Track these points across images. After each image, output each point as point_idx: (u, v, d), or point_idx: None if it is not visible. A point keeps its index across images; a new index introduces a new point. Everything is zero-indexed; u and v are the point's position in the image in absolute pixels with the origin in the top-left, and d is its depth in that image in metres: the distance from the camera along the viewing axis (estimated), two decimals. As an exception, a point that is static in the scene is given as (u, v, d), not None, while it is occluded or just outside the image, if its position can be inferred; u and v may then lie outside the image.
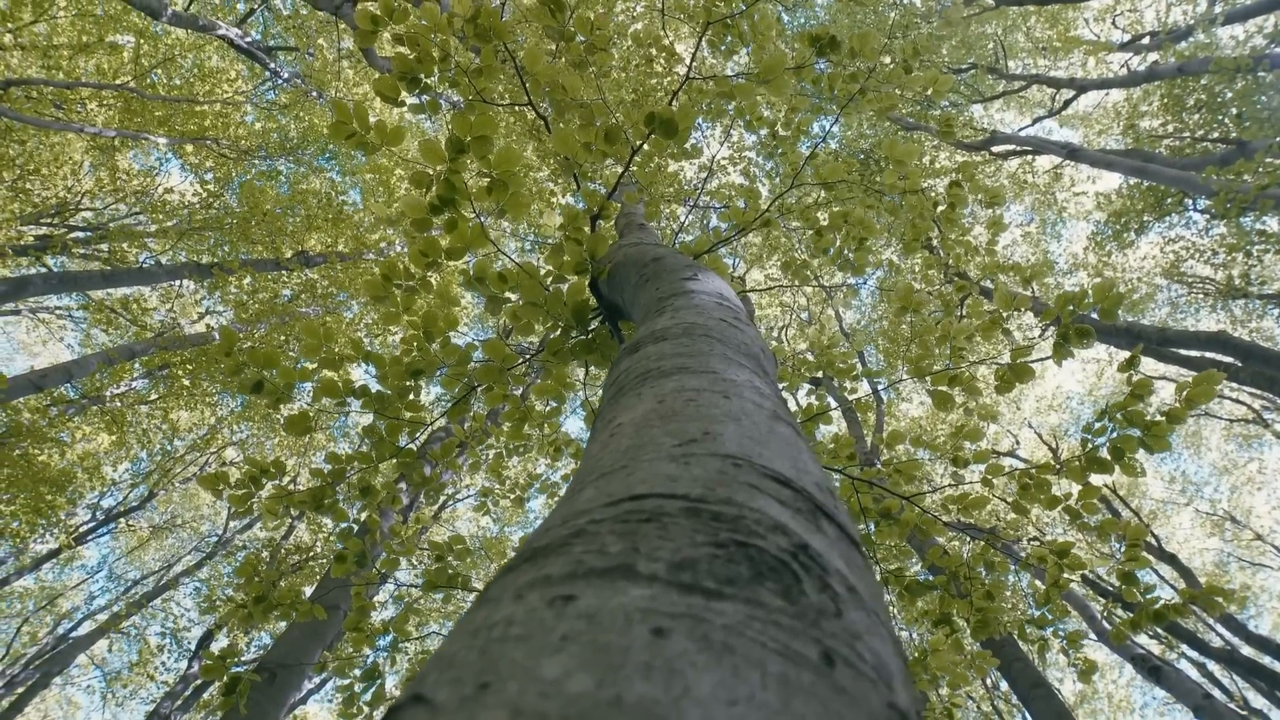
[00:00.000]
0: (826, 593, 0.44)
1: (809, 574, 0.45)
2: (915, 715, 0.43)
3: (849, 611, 0.44)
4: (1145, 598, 3.04)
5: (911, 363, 3.07)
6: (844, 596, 0.45)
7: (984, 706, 13.28)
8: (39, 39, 10.78)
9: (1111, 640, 2.92)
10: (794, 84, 3.47)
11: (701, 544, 0.45)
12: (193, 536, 17.59)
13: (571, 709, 0.29)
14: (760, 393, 0.93)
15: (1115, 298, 2.74)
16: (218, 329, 2.48)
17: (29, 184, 11.05)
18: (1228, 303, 11.13)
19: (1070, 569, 3.01)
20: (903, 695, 0.42)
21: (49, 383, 8.39)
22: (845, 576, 0.49)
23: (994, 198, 3.80)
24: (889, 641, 0.48)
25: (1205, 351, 8.44)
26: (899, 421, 14.12)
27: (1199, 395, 2.61)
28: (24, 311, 13.89)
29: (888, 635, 0.49)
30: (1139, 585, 2.93)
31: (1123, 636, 2.91)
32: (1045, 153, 11.62)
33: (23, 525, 10.57)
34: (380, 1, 2.53)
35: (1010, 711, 12.93)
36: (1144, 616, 2.96)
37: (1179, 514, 17.31)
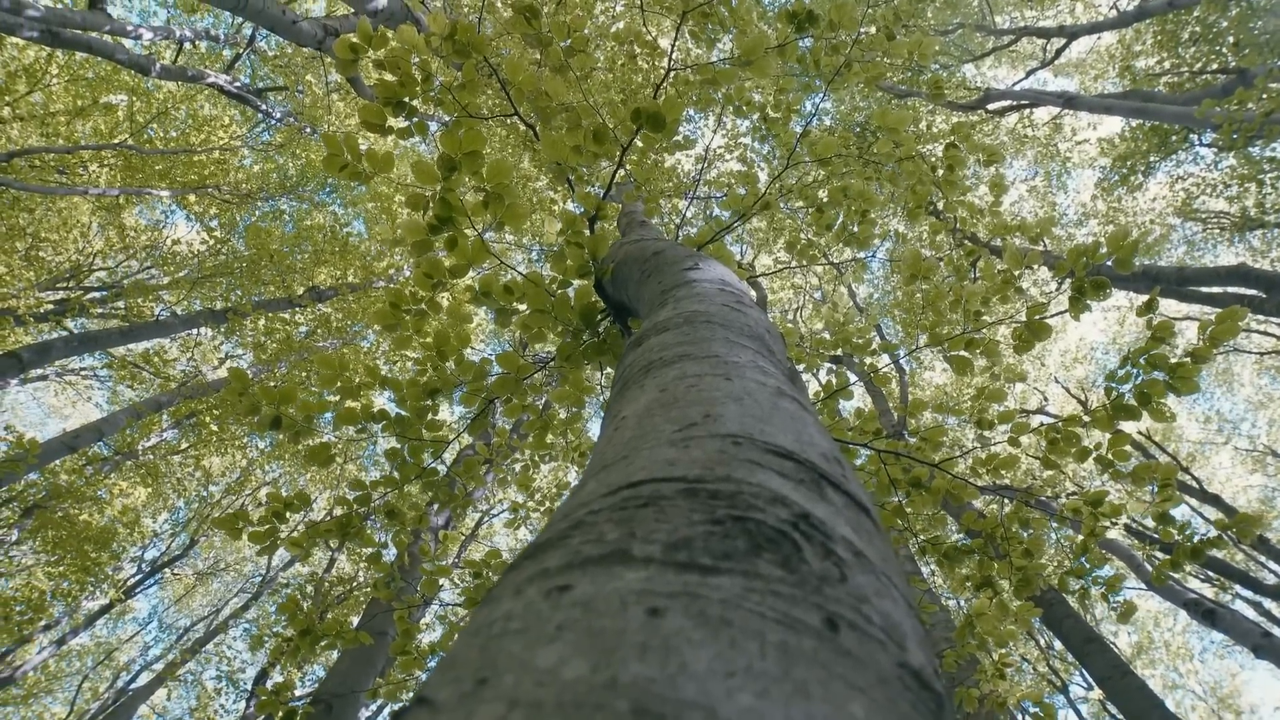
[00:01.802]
0: (830, 559, 0.44)
1: (811, 542, 0.44)
2: (934, 674, 0.43)
3: (855, 576, 0.44)
4: (1182, 535, 3.00)
5: (927, 330, 3.04)
6: (849, 561, 0.45)
7: (1040, 667, 13.15)
8: (36, 108, 10.96)
9: (1152, 582, 2.88)
10: (779, 64, 3.45)
11: (698, 522, 0.44)
12: (237, 578, 17.81)
13: (567, 695, 0.29)
14: (764, 371, 0.93)
15: (1129, 246, 2.70)
16: (229, 371, 2.51)
17: (42, 251, 11.24)
18: (1245, 235, 10.94)
19: (1106, 518, 2.97)
20: (917, 655, 0.42)
21: (81, 443, 8.53)
22: (851, 542, 0.49)
23: (992, 155, 3.76)
24: (902, 604, 0.47)
25: (1227, 287, 8.30)
26: (924, 391, 14.01)
27: (1223, 333, 2.57)
28: (51, 375, 14.13)
29: (900, 597, 0.49)
30: (1174, 524, 2.89)
31: (1163, 578, 2.87)
32: (1042, 104, 11.48)
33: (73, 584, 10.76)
34: (358, 29, 2.55)
35: (1067, 670, 12.80)
36: (1182, 555, 2.92)
37: (1218, 454, 17.05)
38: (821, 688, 0.32)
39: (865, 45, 3.93)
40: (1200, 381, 2.73)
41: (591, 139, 2.69)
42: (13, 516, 11.03)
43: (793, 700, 0.30)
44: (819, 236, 4.82)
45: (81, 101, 11.13)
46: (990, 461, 3.07)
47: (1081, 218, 13.60)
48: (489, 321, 13.55)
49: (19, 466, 6.94)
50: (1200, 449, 16.53)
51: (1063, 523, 3.09)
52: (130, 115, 11.44)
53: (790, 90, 4.67)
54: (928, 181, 4.15)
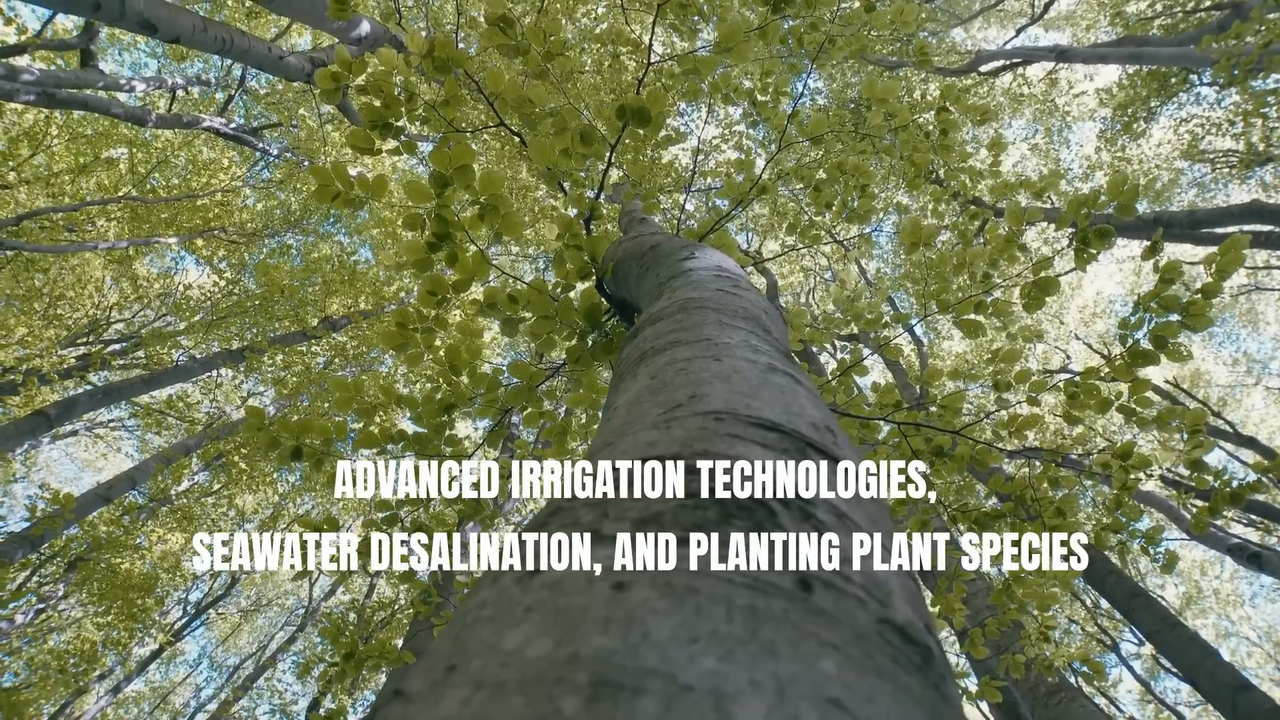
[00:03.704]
0: (809, 523, 0.44)
1: (788, 508, 0.44)
2: (924, 630, 0.43)
3: (836, 537, 0.43)
4: (1219, 481, 2.95)
5: (933, 297, 3.02)
6: (829, 524, 0.44)
7: (1088, 628, 12.99)
8: (40, 170, 11.14)
9: (1192, 530, 2.83)
10: (761, 47, 3.44)
11: (671, 498, 0.44)
12: (281, 612, 18.00)
13: (529, 672, 0.29)
14: (755, 349, 0.92)
15: (1130, 192, 2.67)
16: (245, 409, 2.54)
17: (60, 309, 11.42)
18: (1255, 171, 10.75)
19: (1137, 470, 2.93)
20: (902, 611, 0.42)
21: (115, 493, 8.66)
22: (834, 506, 0.48)
23: (984, 115, 3.72)
24: (889, 562, 0.47)
25: (1241, 225, 8.16)
26: (945, 361, 13.90)
27: (1228, 263, 2.54)
28: (80, 430, 14.36)
29: (889, 557, 0.48)
30: (1209, 470, 2.85)
31: (1203, 525, 2.83)
32: (1035, 61, 11.35)
33: (122, 633, 10.92)
34: (336, 57, 2.57)
35: (1116, 628, 12.64)
36: (1221, 500, 2.88)
37: (1249, 396, 16.77)
38: (791, 647, 0.32)
39: (846, 19, 3.91)
40: (1221, 321, 2.69)
41: (579, 140, 2.69)
42: (58, 572, 11.23)
43: (758, 660, 0.30)
44: (820, 216, 4.79)
45: (83, 158, 11.30)
46: (1013, 423, 3.04)
47: (1088, 171, 13.43)
48: (504, 336, 13.61)
49: (57, 522, 7.05)
50: (1230, 392, 16.27)
51: (1092, 479, 3.05)
52: (132, 167, 11.61)
53: (776, 73, 4.65)
54: (924, 149, 4.12)
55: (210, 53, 6.07)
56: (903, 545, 0.53)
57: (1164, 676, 14.49)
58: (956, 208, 7.57)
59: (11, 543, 7.10)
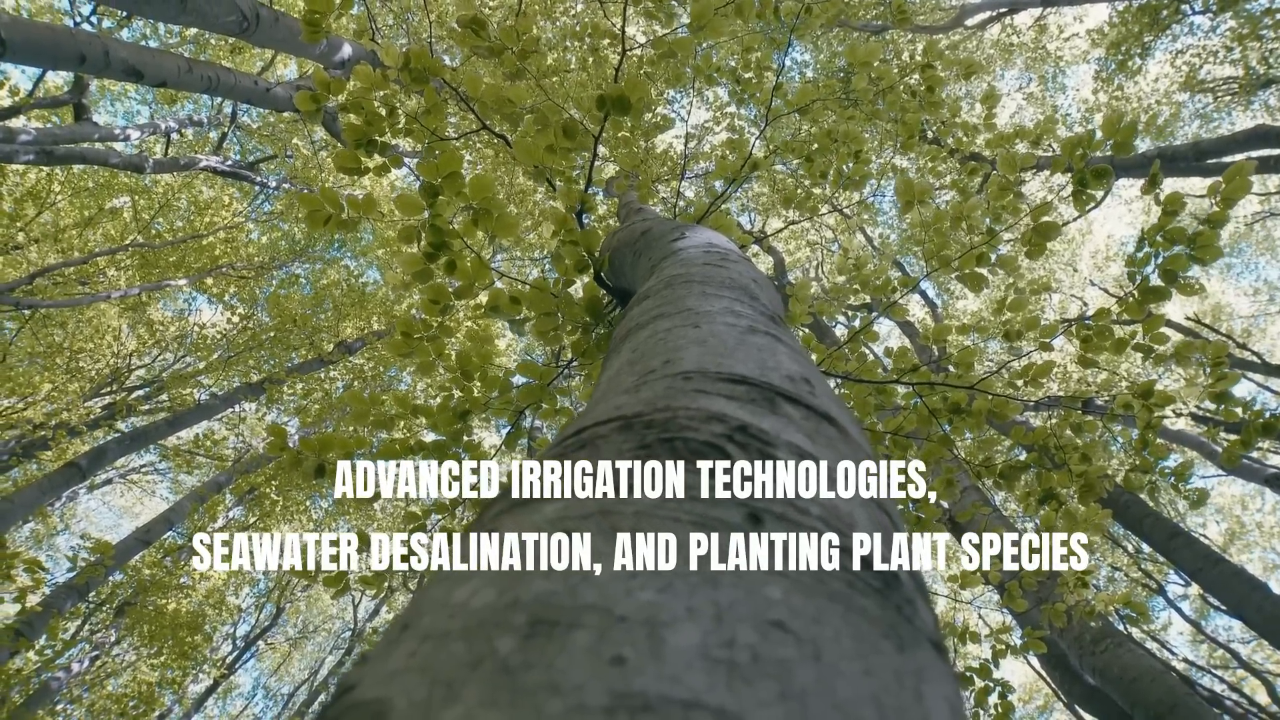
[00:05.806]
0: (767, 460, 0.44)
1: (745, 450, 0.44)
2: (885, 558, 0.43)
3: (793, 470, 0.44)
4: (1249, 412, 2.91)
5: (932, 255, 3.00)
6: (787, 458, 0.45)
7: (1132, 573, 12.85)
8: (47, 228, 11.31)
9: (1224, 464, 2.80)
10: (737, 23, 3.42)
11: (626, 451, 0.45)
12: (329, 636, 18.20)
13: (472, 620, 0.30)
14: (736, 314, 0.92)
15: (1126, 129, 2.64)
16: (267, 428, 2.57)
17: (80, 362, 11.59)
18: (1258, 95, 10.55)
19: (1160, 407, 2.90)
20: (864, 540, 0.42)
21: (153, 536, 8.80)
22: (799, 446, 0.49)
23: (968, 68, 3.69)
24: (854, 495, 0.47)
25: (1248, 152, 8.02)
26: (960, 320, 13.78)
27: (1234, 192, 2.50)
28: (114, 478, 14.59)
29: (857, 491, 0.48)
30: (1236, 402, 2.81)
31: (1235, 459, 2.79)
32: (1021, 8, 11.21)
33: (176, 671, 11.09)
34: (315, 79, 2.59)
35: (1160, 570, 12.49)
36: (1253, 432, 2.84)
37: (1274, 323, 16.48)
38: (734, 576, 0.32)
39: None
40: (1238, 251, 2.65)
41: (562, 135, 2.69)
42: (107, 618, 11.44)
43: (698, 590, 0.30)
44: (816, 187, 4.77)
45: (88, 211, 11.47)
46: (1028, 371, 3.01)
47: (1086, 114, 13.24)
48: (517, 340, 13.65)
49: (99, 570, 7.18)
50: (1254, 322, 16.00)
51: (1112, 420, 3.02)
52: (135, 214, 11.75)
53: (758, 48, 4.63)
54: (912, 108, 4.08)
55: (198, 92, 6.12)
56: (874, 478, 0.53)
57: (1214, 615, 14.32)
58: (956, 165, 7.49)
59: (60, 593, 7.23)
